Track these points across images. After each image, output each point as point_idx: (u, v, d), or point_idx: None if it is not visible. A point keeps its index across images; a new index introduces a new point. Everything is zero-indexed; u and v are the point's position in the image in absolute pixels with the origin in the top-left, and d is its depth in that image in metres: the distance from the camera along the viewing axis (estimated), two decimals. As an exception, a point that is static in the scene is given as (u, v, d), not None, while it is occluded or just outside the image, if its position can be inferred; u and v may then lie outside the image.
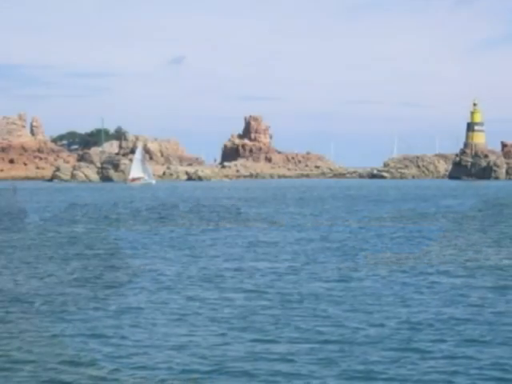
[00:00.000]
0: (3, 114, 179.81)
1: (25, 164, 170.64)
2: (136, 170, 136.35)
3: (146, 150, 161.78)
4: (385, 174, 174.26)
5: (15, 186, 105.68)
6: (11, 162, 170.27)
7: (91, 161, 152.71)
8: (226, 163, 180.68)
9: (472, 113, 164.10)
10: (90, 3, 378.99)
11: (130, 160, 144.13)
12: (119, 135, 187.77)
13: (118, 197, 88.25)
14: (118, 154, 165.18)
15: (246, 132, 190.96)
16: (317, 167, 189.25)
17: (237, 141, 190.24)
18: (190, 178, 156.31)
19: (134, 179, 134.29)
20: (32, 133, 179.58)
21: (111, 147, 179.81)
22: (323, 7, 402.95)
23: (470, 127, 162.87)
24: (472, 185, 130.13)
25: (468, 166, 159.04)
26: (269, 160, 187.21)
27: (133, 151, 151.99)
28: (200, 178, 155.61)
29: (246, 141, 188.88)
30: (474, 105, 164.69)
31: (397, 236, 40.04)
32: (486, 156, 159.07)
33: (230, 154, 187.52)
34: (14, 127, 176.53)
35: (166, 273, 26.62)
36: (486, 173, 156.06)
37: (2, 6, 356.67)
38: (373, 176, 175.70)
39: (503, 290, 22.98)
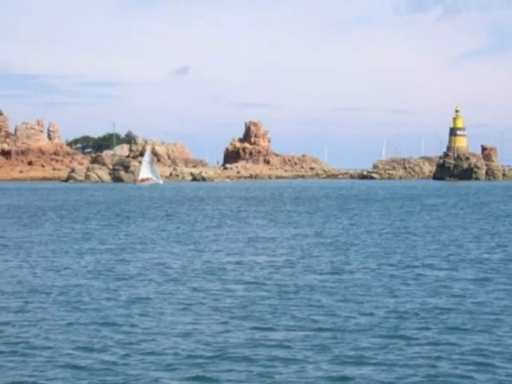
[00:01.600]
0: (23, 120, 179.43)
1: (42, 166, 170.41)
2: (145, 171, 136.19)
3: (154, 153, 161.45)
4: (374, 175, 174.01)
5: None
6: (30, 163, 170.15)
7: (103, 163, 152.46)
8: (227, 165, 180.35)
9: (454, 119, 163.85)
10: (103, 18, 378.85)
11: (140, 162, 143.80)
12: (129, 139, 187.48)
13: (129, 196, 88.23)
14: (128, 156, 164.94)
15: (247, 136, 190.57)
16: (311, 169, 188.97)
17: (238, 144, 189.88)
18: (194, 179, 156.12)
19: (143, 180, 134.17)
20: (49, 137, 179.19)
21: (122, 150, 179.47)
22: (317, 22, 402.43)
23: (453, 132, 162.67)
24: (454, 185, 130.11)
25: (451, 168, 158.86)
26: (267, 162, 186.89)
27: (142, 154, 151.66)
28: (204, 179, 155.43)
29: (247, 144, 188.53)
30: (456, 111, 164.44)
31: (385, 232, 40.02)
32: (467, 158, 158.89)
33: (232, 156, 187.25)
34: (33, 132, 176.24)
35: (173, 266, 26.62)
36: (468, 174, 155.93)
37: (22, 20, 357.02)
38: (363, 177, 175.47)
39: (483, 281, 22.99)
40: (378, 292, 21.03)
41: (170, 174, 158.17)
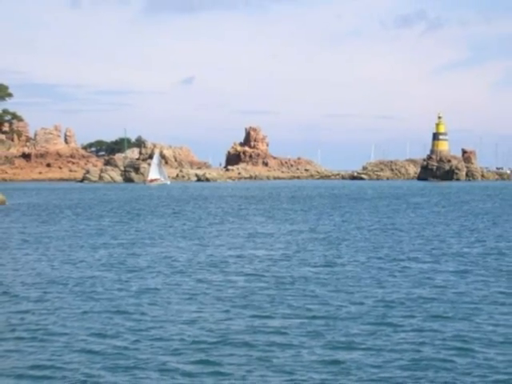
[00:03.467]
0: (42, 126, 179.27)
1: (60, 168, 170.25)
2: (154, 172, 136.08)
3: (162, 156, 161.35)
4: (363, 176, 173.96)
5: None
6: (48, 165, 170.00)
7: (116, 165, 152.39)
8: (229, 167, 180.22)
9: (437, 124, 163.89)
10: (115, 33, 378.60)
11: (149, 164, 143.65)
12: (139, 143, 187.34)
13: (139, 195, 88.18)
14: (138, 159, 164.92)
15: (247, 140, 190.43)
16: (306, 170, 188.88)
17: (239, 148, 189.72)
18: (199, 180, 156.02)
19: (151, 180, 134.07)
20: (66, 141, 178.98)
21: (133, 153, 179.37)
22: (312, 36, 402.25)
23: (436, 136, 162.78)
24: (437, 185, 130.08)
25: (434, 170, 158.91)
26: (266, 164, 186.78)
27: (151, 157, 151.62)
28: (208, 180, 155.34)
29: (247, 148, 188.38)
30: (439, 117, 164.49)
31: (373, 228, 40.01)
32: (449, 161, 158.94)
33: (233, 159, 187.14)
34: (51, 137, 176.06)
35: (179, 259, 26.61)
36: (449, 175, 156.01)
37: (41, 35, 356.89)
38: (353, 178, 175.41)
39: (463, 273, 23.00)
40: (367, 283, 21.03)
41: (177, 175, 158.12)
